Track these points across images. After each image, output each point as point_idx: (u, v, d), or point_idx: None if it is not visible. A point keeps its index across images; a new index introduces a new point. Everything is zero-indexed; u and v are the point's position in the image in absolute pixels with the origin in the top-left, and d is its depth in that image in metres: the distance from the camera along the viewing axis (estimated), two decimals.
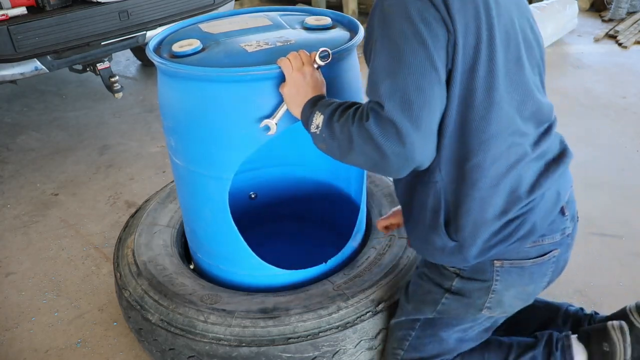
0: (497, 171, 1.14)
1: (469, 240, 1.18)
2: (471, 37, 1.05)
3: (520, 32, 1.15)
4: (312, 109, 1.22)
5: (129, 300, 1.58)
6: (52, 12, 2.66)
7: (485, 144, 1.11)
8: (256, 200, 2.06)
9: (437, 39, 1.03)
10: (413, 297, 1.40)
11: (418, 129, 1.04)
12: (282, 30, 1.53)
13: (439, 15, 1.03)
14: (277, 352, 1.38)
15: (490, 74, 1.08)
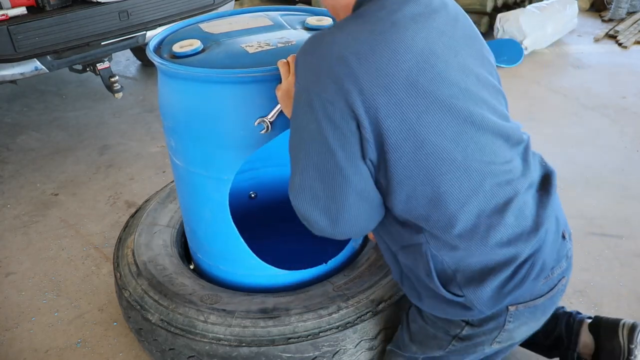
0: (489, 223, 1.08)
1: (478, 293, 1.11)
2: (402, 122, 1.02)
3: (471, 77, 1.09)
4: None
5: (129, 300, 1.58)
6: (52, 12, 2.66)
7: (464, 206, 1.07)
8: (256, 200, 2.06)
9: (346, 137, 1.03)
10: (416, 337, 1.34)
11: (331, 222, 1.11)
12: (283, 30, 1.53)
13: (349, 112, 1.01)
14: (277, 352, 1.38)
15: (443, 143, 1.04)
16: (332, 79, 1.00)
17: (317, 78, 1.02)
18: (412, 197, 1.08)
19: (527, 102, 3.45)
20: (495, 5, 4.64)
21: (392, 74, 1.00)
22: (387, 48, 1.01)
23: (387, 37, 1.02)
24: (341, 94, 1.00)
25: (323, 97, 1.01)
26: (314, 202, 1.09)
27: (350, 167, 1.05)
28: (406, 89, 1.01)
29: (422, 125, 1.02)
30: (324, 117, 1.02)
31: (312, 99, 1.03)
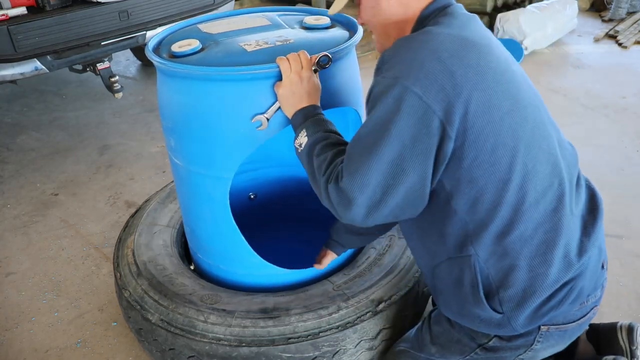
0: (542, 238, 1.10)
1: (517, 312, 1.13)
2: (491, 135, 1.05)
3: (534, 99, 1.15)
4: (302, 122, 1.26)
5: (129, 300, 1.58)
6: (52, 12, 2.66)
7: (525, 213, 1.09)
8: (256, 200, 2.06)
9: (424, 133, 1.02)
10: (438, 339, 1.33)
11: (371, 207, 1.08)
12: (281, 29, 1.53)
13: (437, 107, 1.01)
14: (277, 352, 1.38)
15: (520, 153, 1.07)
16: (424, 74, 1.01)
17: (409, 71, 1.02)
18: (478, 200, 1.09)
19: None
20: (495, 5, 4.64)
21: (482, 71, 1.04)
22: (474, 48, 1.06)
23: (471, 41, 1.08)
24: (433, 89, 1.01)
25: (412, 90, 1.01)
26: (362, 189, 1.06)
27: (415, 164, 1.04)
28: (493, 87, 1.05)
29: (503, 127, 1.05)
30: (408, 110, 1.01)
31: (401, 92, 1.02)
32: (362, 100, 1.59)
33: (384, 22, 1.19)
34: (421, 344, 1.37)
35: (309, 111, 1.26)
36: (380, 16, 1.19)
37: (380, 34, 1.23)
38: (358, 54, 1.38)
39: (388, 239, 1.69)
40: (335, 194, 1.09)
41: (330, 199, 1.11)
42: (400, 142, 1.02)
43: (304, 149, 1.23)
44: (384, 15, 1.18)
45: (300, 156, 1.25)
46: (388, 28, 1.20)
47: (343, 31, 1.54)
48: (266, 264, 1.55)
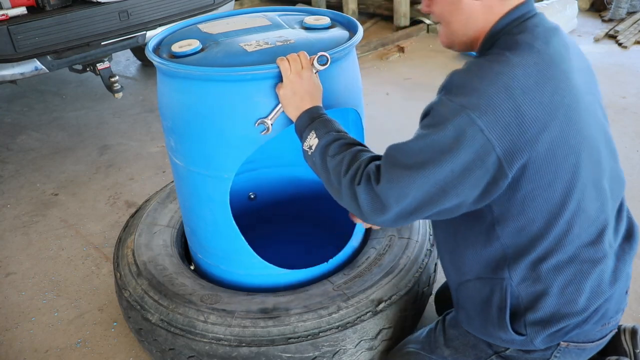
0: (578, 268, 1.11)
1: (540, 334, 1.14)
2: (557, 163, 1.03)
3: (598, 125, 1.13)
4: (308, 124, 1.23)
5: (129, 300, 1.58)
6: (52, 12, 2.66)
7: (566, 244, 1.09)
8: (256, 200, 2.06)
9: (478, 166, 1.00)
10: (453, 343, 1.32)
11: (401, 215, 1.07)
12: (282, 30, 1.53)
13: (497, 145, 0.99)
14: (277, 352, 1.38)
15: (574, 184, 1.06)
16: (493, 109, 0.98)
17: (478, 103, 0.98)
18: (524, 229, 1.08)
19: None
20: None
21: (554, 109, 1.01)
22: (550, 83, 1.02)
23: (550, 73, 1.03)
24: (498, 126, 0.98)
25: (477, 123, 0.97)
26: (399, 199, 1.04)
27: (459, 191, 1.03)
28: (563, 127, 1.02)
29: (565, 164, 1.04)
30: (468, 142, 0.98)
31: (466, 122, 0.98)
32: (362, 101, 1.59)
33: (459, 21, 1.13)
34: (433, 346, 1.36)
35: (314, 112, 1.25)
36: (458, 15, 1.13)
37: (450, 31, 1.17)
38: (358, 54, 1.38)
39: (388, 239, 1.69)
40: (366, 196, 1.07)
41: (358, 200, 1.09)
42: (451, 170, 1.00)
43: (315, 150, 1.20)
44: (463, 16, 1.12)
45: (311, 158, 1.22)
46: (461, 27, 1.14)
47: (343, 31, 1.54)
48: (266, 264, 1.55)
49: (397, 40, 4.67)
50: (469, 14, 1.11)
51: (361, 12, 5.38)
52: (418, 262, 1.62)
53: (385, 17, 5.22)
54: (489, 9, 1.10)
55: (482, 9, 1.10)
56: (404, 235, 1.69)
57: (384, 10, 5.17)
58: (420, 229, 1.73)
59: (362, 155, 1.14)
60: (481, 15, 1.11)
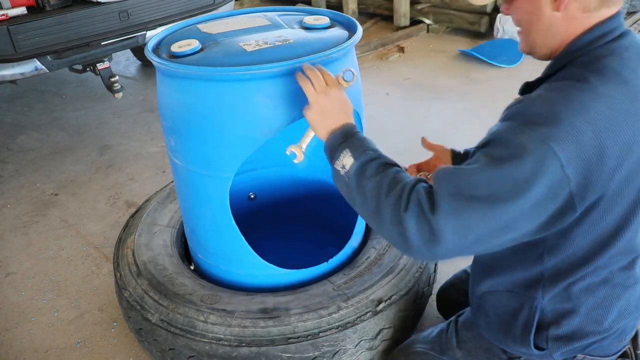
0: (609, 292, 1.10)
1: (560, 349, 1.14)
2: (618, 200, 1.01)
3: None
4: (341, 142, 1.13)
5: (129, 300, 1.58)
6: (52, 12, 2.66)
7: (599, 269, 1.08)
8: (256, 200, 2.06)
9: (550, 200, 0.95)
10: (466, 345, 1.31)
11: (454, 250, 0.97)
12: (281, 29, 1.53)
13: (575, 181, 0.93)
14: (277, 352, 1.38)
15: (626, 212, 1.03)
16: (576, 144, 0.91)
17: (560, 135, 0.91)
18: (571, 256, 1.07)
19: None
20: (496, 5, 4.63)
21: (630, 148, 0.96)
22: (635, 120, 0.96)
23: (635, 108, 0.97)
24: (579, 161, 0.92)
25: (559, 156, 0.91)
26: (459, 233, 0.94)
27: (524, 224, 0.96)
28: (633, 165, 0.98)
29: (626, 200, 1.01)
30: (547, 177, 0.92)
31: (547, 156, 0.91)
32: (362, 101, 1.59)
33: (538, 31, 1.07)
34: (444, 347, 1.34)
35: (347, 130, 1.15)
36: (537, 25, 1.06)
37: (530, 40, 1.11)
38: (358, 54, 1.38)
39: None
40: (416, 226, 0.96)
41: (406, 229, 0.96)
42: (522, 206, 0.93)
43: (350, 170, 1.09)
44: (542, 26, 1.05)
45: (343, 179, 1.11)
46: (540, 38, 1.08)
47: (343, 31, 1.53)
48: (266, 264, 1.55)
49: (397, 40, 4.67)
50: (549, 25, 1.04)
51: (361, 12, 5.38)
52: (418, 262, 1.62)
53: (385, 17, 5.22)
54: (571, 21, 1.02)
55: (564, 20, 1.03)
56: None
57: (384, 10, 5.16)
58: None
59: (404, 178, 1.03)
60: (562, 27, 1.04)
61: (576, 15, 1.02)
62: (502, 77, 3.82)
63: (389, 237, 1.04)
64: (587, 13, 1.01)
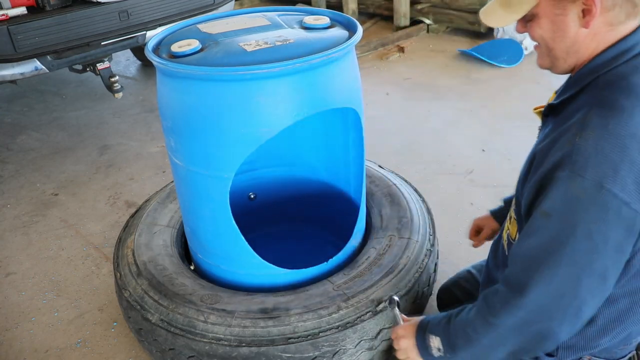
0: (628, 304, 1.09)
1: (570, 356, 1.15)
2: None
3: None
4: (423, 337, 1.20)
5: (129, 300, 1.58)
6: (52, 12, 2.66)
7: (623, 280, 1.04)
8: (256, 200, 2.06)
9: (631, 239, 0.94)
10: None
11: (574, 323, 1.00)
12: (281, 29, 1.53)
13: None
14: (277, 352, 1.38)
15: None
16: (633, 174, 0.90)
17: (615, 172, 0.90)
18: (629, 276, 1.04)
19: (527, 102, 3.44)
20: None
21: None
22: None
23: None
24: (637, 191, 0.90)
25: (620, 196, 0.89)
26: (561, 309, 0.95)
27: (615, 268, 0.96)
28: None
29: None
30: (616, 220, 0.90)
31: (607, 199, 0.90)
32: (362, 101, 1.59)
33: (561, 48, 1.05)
34: None
35: (422, 326, 1.23)
36: (561, 42, 1.04)
37: (552, 57, 1.09)
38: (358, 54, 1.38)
39: (388, 239, 1.69)
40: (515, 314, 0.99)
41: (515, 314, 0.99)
42: (604, 252, 0.93)
43: (443, 344, 1.15)
44: (566, 43, 1.04)
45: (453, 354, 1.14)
46: (563, 54, 1.06)
47: (343, 31, 1.53)
48: (266, 264, 1.55)
49: (397, 40, 4.67)
50: (574, 41, 1.02)
51: (361, 12, 5.38)
52: (418, 262, 1.62)
53: (385, 17, 5.22)
54: (595, 36, 1.01)
55: (589, 36, 1.01)
56: (404, 235, 1.69)
57: (384, 10, 5.17)
58: (420, 229, 1.73)
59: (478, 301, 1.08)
60: (586, 44, 1.02)
61: (602, 30, 1.00)
62: (502, 77, 3.82)
63: (526, 345, 1.04)
64: (613, 27, 1.00)
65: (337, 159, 1.88)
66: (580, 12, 0.98)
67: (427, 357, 1.18)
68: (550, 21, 1.02)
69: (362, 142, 1.68)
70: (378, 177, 2.00)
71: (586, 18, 0.98)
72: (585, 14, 0.98)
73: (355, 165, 1.78)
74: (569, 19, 1.00)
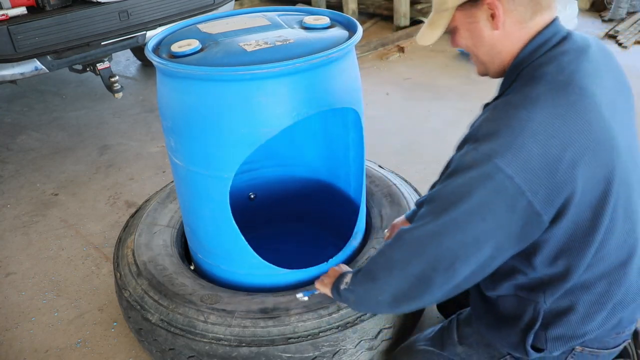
0: (604, 289, 1.11)
1: (559, 348, 1.16)
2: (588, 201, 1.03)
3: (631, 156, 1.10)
4: (342, 276, 1.33)
5: (129, 300, 1.58)
6: (52, 12, 2.66)
7: (593, 266, 1.09)
8: (256, 200, 2.06)
9: (510, 213, 1.00)
10: (467, 340, 1.33)
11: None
12: (281, 29, 1.53)
13: (527, 190, 0.98)
14: (277, 352, 1.38)
15: (606, 214, 1.04)
16: (522, 153, 0.96)
17: (505, 149, 0.97)
18: (558, 258, 1.08)
19: None
20: None
21: (581, 149, 0.98)
22: (578, 121, 0.99)
23: (578, 108, 0.99)
24: (527, 171, 0.97)
25: (505, 170, 0.96)
26: (438, 259, 1.05)
27: (493, 238, 1.02)
28: (590, 162, 0.99)
29: (594, 197, 1.02)
30: (497, 191, 0.98)
31: (492, 170, 0.97)
32: (362, 101, 1.59)
33: (484, 52, 1.13)
34: (445, 343, 1.36)
35: (345, 273, 1.33)
36: (481, 47, 1.12)
37: (480, 62, 1.17)
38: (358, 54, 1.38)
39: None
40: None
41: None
42: (482, 220, 1.00)
43: (350, 279, 1.28)
44: (485, 47, 1.12)
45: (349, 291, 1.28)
46: (488, 58, 1.14)
47: (342, 31, 1.53)
48: (266, 264, 1.55)
49: (397, 40, 4.67)
50: (491, 44, 1.10)
51: (361, 12, 5.38)
52: None
53: (385, 17, 5.22)
54: (510, 35, 1.08)
55: (504, 37, 1.08)
56: None
57: (384, 10, 5.17)
58: None
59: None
60: (504, 44, 1.09)
61: (513, 29, 1.07)
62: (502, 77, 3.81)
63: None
64: (523, 25, 1.07)
65: (337, 159, 1.88)
66: (489, 17, 1.07)
67: (336, 290, 1.32)
68: (467, 30, 1.12)
69: (362, 142, 1.68)
70: (378, 177, 2.00)
71: (494, 21, 1.06)
72: (493, 18, 1.06)
73: (355, 165, 1.78)
74: (481, 25, 1.09)
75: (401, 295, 1.13)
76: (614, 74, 1.13)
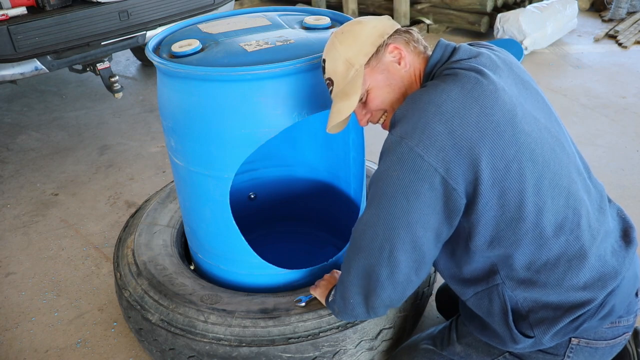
0: (567, 265, 1.13)
1: (547, 332, 1.16)
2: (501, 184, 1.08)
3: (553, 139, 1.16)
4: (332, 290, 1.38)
5: (129, 300, 1.58)
6: (52, 12, 2.66)
7: (545, 245, 1.12)
8: (256, 200, 2.06)
9: (427, 190, 1.07)
10: (465, 338, 1.35)
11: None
12: (282, 29, 1.53)
13: (438, 165, 1.05)
14: (277, 352, 1.38)
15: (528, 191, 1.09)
16: (427, 135, 1.05)
17: (414, 130, 1.06)
18: (495, 238, 1.12)
19: None
20: (495, 5, 4.64)
21: (483, 127, 1.06)
22: (477, 102, 1.07)
23: (475, 94, 1.08)
24: (434, 149, 1.04)
25: (416, 150, 1.05)
26: (375, 246, 1.14)
27: (413, 215, 1.08)
28: (496, 140, 1.06)
29: (508, 173, 1.07)
30: (411, 170, 1.06)
31: (404, 150, 1.06)
32: None
33: (401, 92, 1.22)
34: (446, 342, 1.38)
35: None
36: (400, 88, 1.22)
37: (396, 105, 1.23)
38: None
39: None
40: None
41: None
42: (406, 200, 1.07)
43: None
44: (400, 86, 1.21)
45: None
46: (402, 95, 1.22)
47: None
48: (266, 264, 1.55)
49: None
50: (403, 80, 1.21)
51: (361, 12, 5.38)
52: None
53: None
54: (412, 65, 1.21)
55: (408, 70, 1.21)
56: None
57: (384, 10, 5.17)
58: None
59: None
60: (410, 74, 1.22)
61: (413, 60, 1.22)
62: None
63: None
64: (418, 55, 1.22)
65: (338, 159, 1.88)
66: (396, 61, 1.20)
67: (326, 302, 1.38)
68: (382, 83, 1.21)
69: (363, 142, 1.68)
70: None
71: (401, 62, 1.20)
72: (399, 60, 1.20)
73: (356, 166, 1.78)
74: (392, 69, 1.20)
75: (361, 295, 1.20)
76: (509, 66, 1.21)
